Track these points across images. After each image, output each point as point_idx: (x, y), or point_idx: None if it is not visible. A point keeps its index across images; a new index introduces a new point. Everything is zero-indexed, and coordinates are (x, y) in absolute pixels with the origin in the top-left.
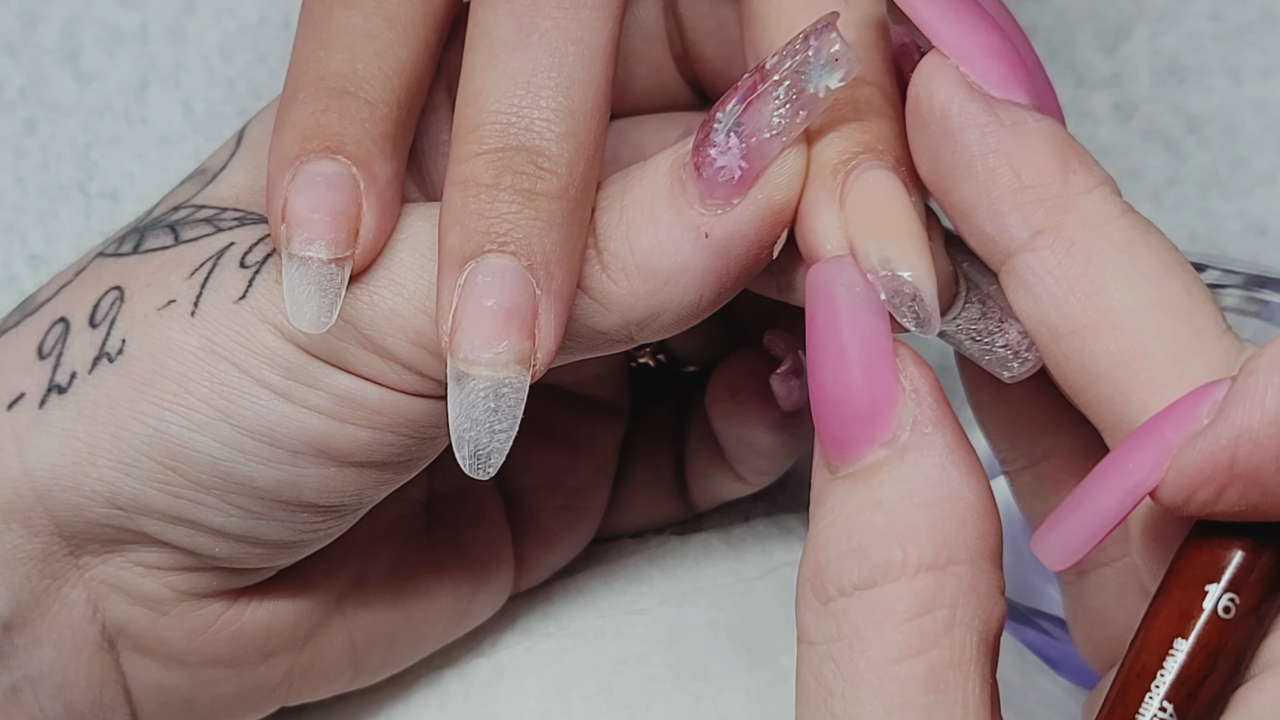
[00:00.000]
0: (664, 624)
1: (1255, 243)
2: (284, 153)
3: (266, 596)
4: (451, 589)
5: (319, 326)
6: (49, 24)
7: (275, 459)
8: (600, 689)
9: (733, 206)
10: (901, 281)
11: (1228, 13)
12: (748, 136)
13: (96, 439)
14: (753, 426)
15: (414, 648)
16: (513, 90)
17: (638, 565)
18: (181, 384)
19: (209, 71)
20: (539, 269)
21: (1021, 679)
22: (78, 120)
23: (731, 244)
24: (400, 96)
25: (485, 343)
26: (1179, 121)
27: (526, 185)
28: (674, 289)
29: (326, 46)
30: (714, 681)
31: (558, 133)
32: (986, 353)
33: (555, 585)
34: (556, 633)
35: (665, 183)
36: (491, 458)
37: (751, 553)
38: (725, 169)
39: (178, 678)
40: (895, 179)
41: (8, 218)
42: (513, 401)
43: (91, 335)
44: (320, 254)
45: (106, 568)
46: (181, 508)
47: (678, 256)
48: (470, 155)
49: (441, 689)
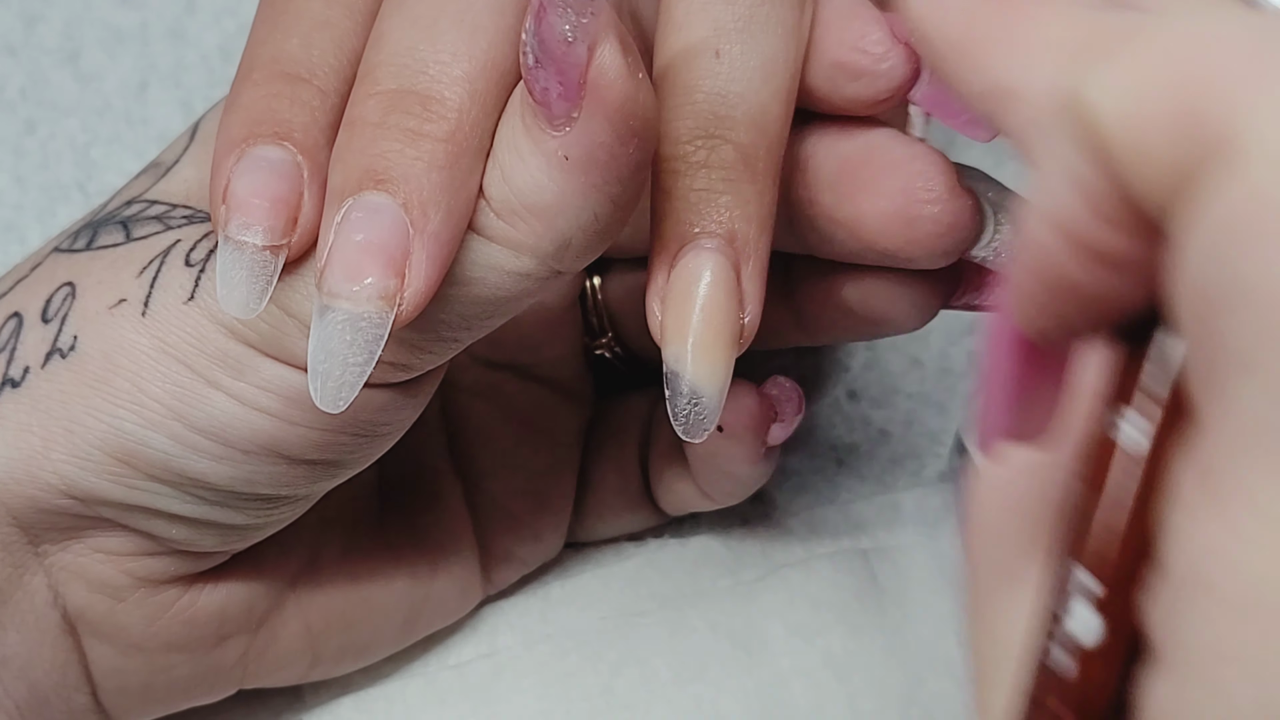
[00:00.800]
0: (664, 626)
1: None
2: (231, 133)
3: (220, 581)
4: (408, 571)
5: (248, 311)
6: (49, 24)
7: (228, 457)
8: (600, 690)
9: (575, 121)
10: (682, 382)
11: None
12: (551, 52)
13: (50, 433)
14: (740, 461)
15: (374, 634)
16: (412, 34)
17: (637, 568)
18: (135, 383)
19: (209, 72)
20: (414, 208)
21: None
22: (78, 120)
23: (593, 157)
24: (353, 85)
25: (348, 276)
26: None
27: (412, 125)
28: (566, 216)
29: (284, 30)
30: (713, 683)
31: (452, 76)
32: None
33: (555, 587)
34: (557, 634)
35: (518, 117)
36: (343, 391)
37: (751, 555)
38: (548, 89)
39: (135, 662)
40: (713, 265)
41: (7, 217)
42: (370, 337)
43: (44, 330)
44: (256, 239)
45: (66, 554)
46: (136, 497)
47: (553, 186)
48: (364, 96)
49: (441, 689)
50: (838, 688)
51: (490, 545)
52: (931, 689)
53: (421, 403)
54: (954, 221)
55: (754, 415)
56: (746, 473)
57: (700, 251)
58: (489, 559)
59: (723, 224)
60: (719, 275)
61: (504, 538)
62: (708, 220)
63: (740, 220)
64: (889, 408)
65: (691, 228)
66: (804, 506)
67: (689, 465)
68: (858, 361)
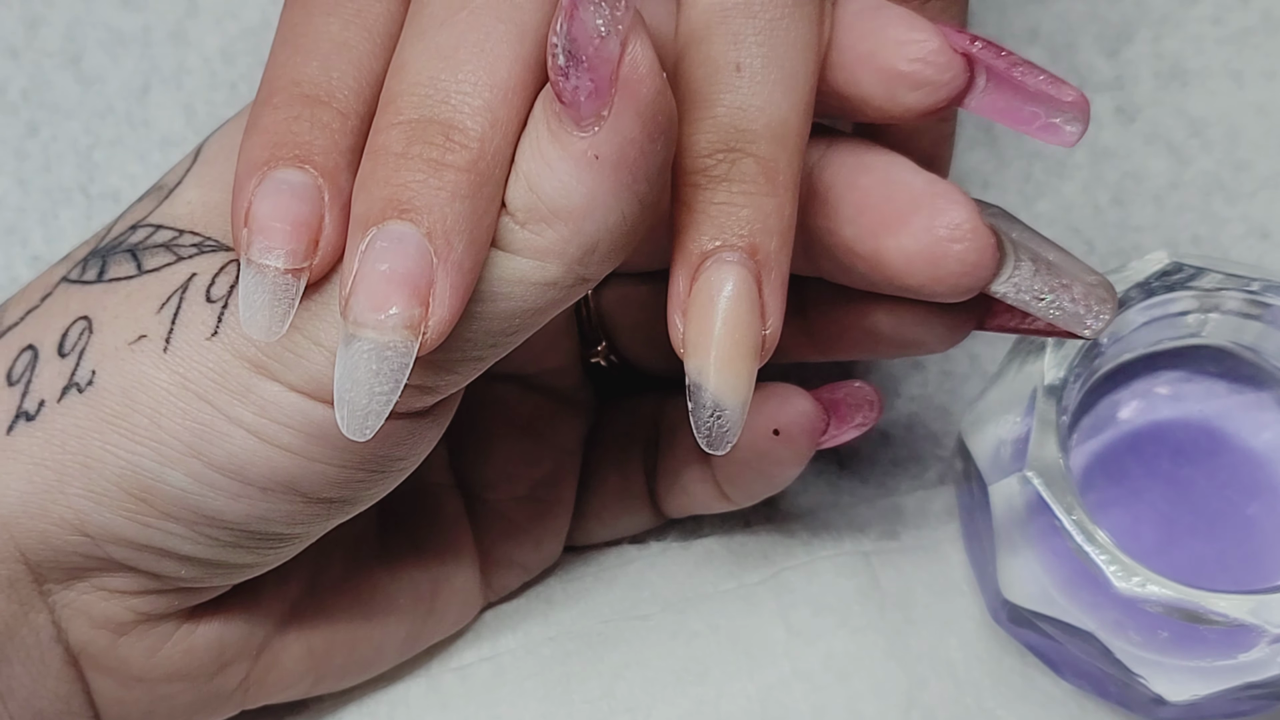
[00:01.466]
0: (666, 629)
1: (1258, 246)
2: (253, 156)
3: (219, 610)
4: (410, 588)
5: (270, 335)
6: (51, 27)
7: (245, 494)
8: (602, 693)
9: (605, 120)
10: (705, 394)
11: (1230, 16)
12: (582, 49)
13: (66, 468)
14: (788, 465)
15: (377, 651)
16: (434, 63)
17: (639, 571)
18: (153, 419)
19: (211, 75)
20: (438, 238)
21: (1022, 680)
22: (79, 123)
23: (624, 154)
24: (372, 108)
25: (374, 306)
26: (1181, 125)
27: (435, 155)
28: (594, 218)
29: (303, 52)
30: (715, 686)
31: (474, 106)
32: (1056, 310)
33: (557, 590)
34: (559, 637)
35: (543, 123)
36: (369, 419)
37: (752, 558)
38: (579, 88)
39: (136, 693)
40: (735, 278)
41: (10, 219)
42: (396, 365)
43: (60, 365)
44: (278, 263)
45: (70, 593)
46: (150, 535)
47: (582, 188)
48: (386, 125)
49: (443, 691)
50: (839, 690)
51: (491, 554)
52: (933, 691)
53: (436, 435)
54: (978, 260)
55: (810, 419)
56: (789, 475)
57: (722, 265)
58: (489, 568)
59: (744, 237)
60: (741, 288)
61: (504, 546)
62: (729, 234)
63: (761, 233)
64: (890, 410)
65: (713, 241)
66: (806, 509)
67: (711, 467)
68: (859, 365)
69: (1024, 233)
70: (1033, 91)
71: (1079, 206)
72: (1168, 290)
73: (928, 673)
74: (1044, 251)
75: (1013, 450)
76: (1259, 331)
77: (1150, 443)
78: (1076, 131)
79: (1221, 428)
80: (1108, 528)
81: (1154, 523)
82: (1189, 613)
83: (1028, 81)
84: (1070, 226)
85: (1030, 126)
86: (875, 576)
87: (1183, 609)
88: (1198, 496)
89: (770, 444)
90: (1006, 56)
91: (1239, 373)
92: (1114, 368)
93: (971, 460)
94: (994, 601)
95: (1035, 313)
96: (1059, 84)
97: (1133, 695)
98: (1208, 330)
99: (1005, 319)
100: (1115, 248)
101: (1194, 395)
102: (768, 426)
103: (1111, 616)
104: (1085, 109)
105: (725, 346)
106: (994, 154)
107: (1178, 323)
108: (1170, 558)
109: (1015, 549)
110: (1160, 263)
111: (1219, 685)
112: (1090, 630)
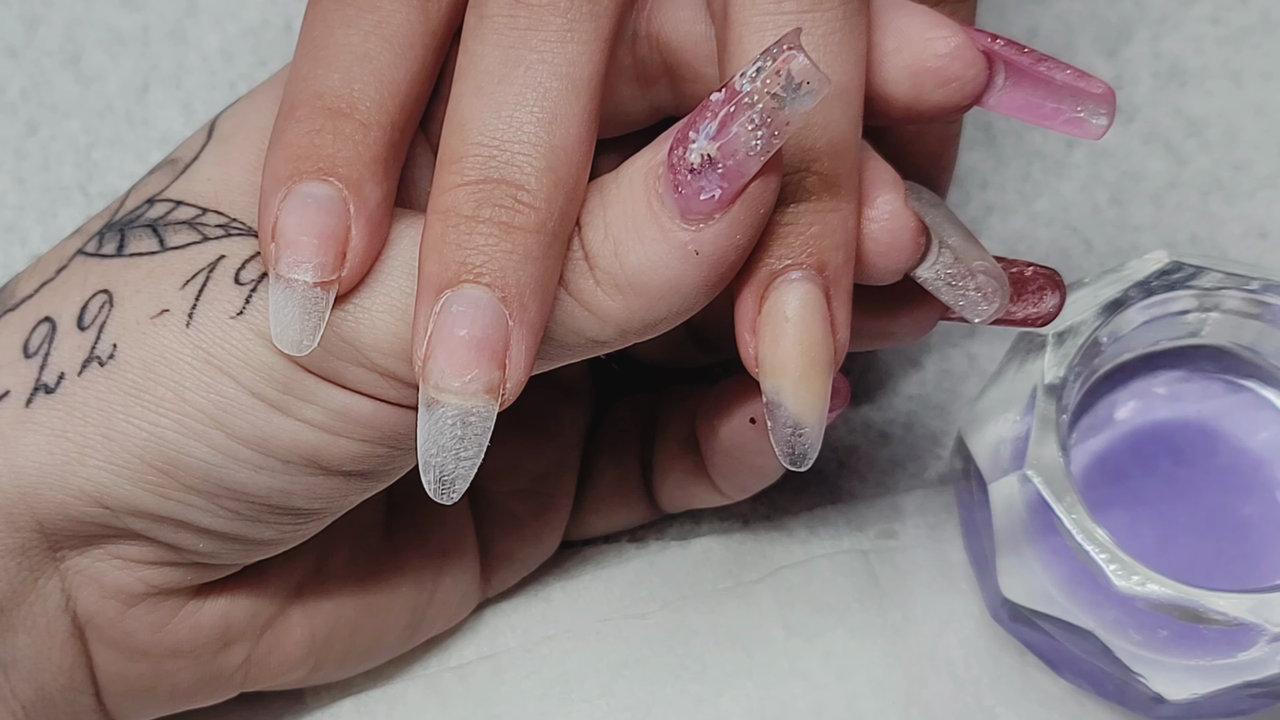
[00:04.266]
0: (664, 627)
1: (1256, 246)
2: (277, 170)
3: (225, 588)
4: (413, 577)
5: (301, 349)
6: (51, 26)
7: (268, 467)
8: (601, 691)
9: (714, 220)
10: (784, 412)
11: (1229, 16)
12: (726, 158)
13: (87, 440)
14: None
15: (377, 639)
16: (495, 123)
17: (638, 569)
18: (176, 392)
19: (210, 74)
20: (513, 301)
21: (1021, 679)
22: (79, 122)
23: (723, 258)
24: (395, 118)
25: (456, 371)
26: (1180, 124)
27: (505, 218)
28: (669, 302)
29: (325, 65)
30: (714, 684)
31: (538, 168)
32: (961, 297)
33: (555, 588)
34: (557, 635)
35: (643, 198)
36: (456, 483)
37: (751, 556)
38: (705, 189)
39: (139, 667)
40: (806, 297)
41: (9, 218)
42: (479, 430)
43: (80, 338)
44: (306, 276)
45: (83, 559)
46: (170, 508)
47: (668, 273)
48: (452, 185)
49: (441, 689)
50: (838, 688)
51: (491, 547)
52: (932, 689)
53: None
54: (893, 241)
55: None
56: (775, 466)
57: (791, 284)
58: (489, 561)
59: (811, 254)
60: (812, 306)
61: (505, 539)
62: (797, 252)
63: (829, 249)
64: (889, 409)
65: (782, 260)
66: (804, 508)
67: (705, 461)
68: (857, 364)
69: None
70: (1060, 85)
71: (1077, 206)
72: (1167, 289)
73: (927, 671)
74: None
75: (1012, 449)
76: (1258, 331)
77: (1150, 442)
78: (1104, 124)
79: (1220, 427)
80: (1107, 526)
81: (1153, 522)
82: (1189, 611)
83: (1055, 75)
84: (1069, 226)
85: (1055, 121)
86: (874, 575)
87: (1182, 607)
88: (1196, 496)
89: (749, 434)
90: (1030, 53)
91: (1238, 372)
92: (1113, 367)
93: (971, 459)
94: (993, 600)
95: (940, 296)
96: (1086, 77)
97: (1132, 694)
98: (1207, 330)
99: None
100: (1114, 247)
101: (1193, 395)
102: (745, 416)
103: (1111, 615)
104: (1112, 101)
105: (802, 366)
106: (993, 153)
107: (1177, 322)
108: (1169, 557)
109: (1015, 548)
110: (1160, 262)
111: (1218, 684)
112: (1089, 629)
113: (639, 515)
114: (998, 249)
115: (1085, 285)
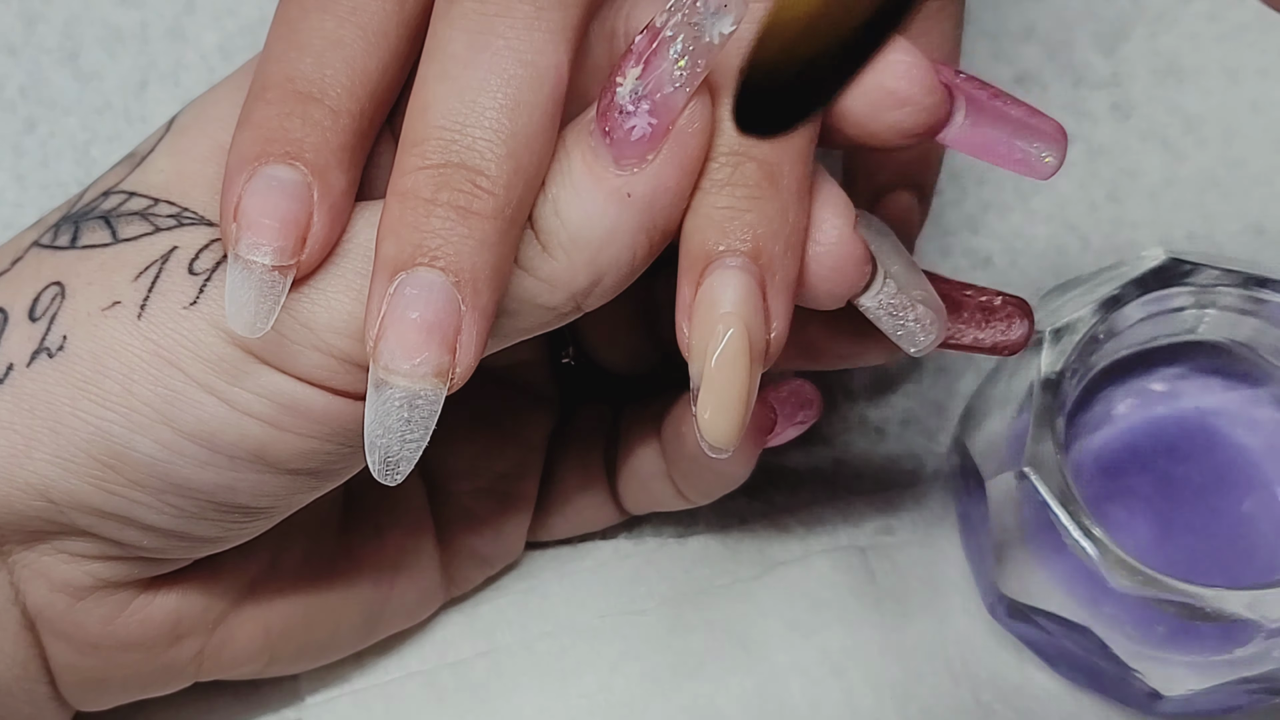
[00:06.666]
0: (662, 624)
1: (1253, 242)
2: (244, 150)
3: (177, 583)
4: (370, 575)
5: (254, 331)
6: (49, 24)
7: (213, 463)
8: (599, 687)
9: (648, 163)
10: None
11: (1226, 13)
12: (652, 93)
13: (34, 432)
14: (738, 465)
15: (333, 636)
16: (458, 107)
17: (635, 567)
18: (124, 385)
19: (209, 71)
20: (466, 286)
21: (1018, 675)
22: (77, 119)
23: (655, 199)
24: (364, 106)
25: (406, 353)
26: (1177, 121)
27: (463, 203)
28: (609, 252)
29: (297, 48)
30: (712, 681)
31: (499, 154)
32: (900, 327)
33: (554, 585)
34: (556, 632)
35: (578, 153)
36: (400, 465)
37: (748, 553)
38: (635, 128)
39: (91, 660)
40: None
41: (7, 215)
42: (426, 413)
43: (30, 329)
44: (265, 259)
45: (30, 554)
46: (115, 504)
47: (606, 221)
48: (413, 168)
49: (440, 687)
50: (835, 684)
51: (452, 546)
52: (929, 685)
53: None
54: (837, 266)
55: (757, 418)
56: (739, 472)
57: (725, 270)
58: (451, 560)
59: (747, 241)
60: (744, 293)
61: (466, 539)
62: (732, 238)
63: (765, 237)
64: (885, 407)
65: (716, 245)
66: (801, 505)
67: (669, 465)
68: None
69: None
70: (1014, 120)
71: (1074, 203)
72: (1164, 286)
73: (924, 667)
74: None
75: (1010, 446)
76: (1255, 327)
77: (1146, 439)
78: (1053, 164)
79: (1217, 424)
80: (1104, 523)
81: (1150, 518)
82: (1186, 608)
83: (1010, 110)
84: (1066, 223)
85: (1008, 160)
86: (871, 572)
87: (1179, 604)
88: (1193, 492)
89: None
90: (987, 88)
91: (1235, 369)
92: (1110, 364)
93: (968, 456)
94: (990, 596)
95: (880, 325)
96: (1038, 115)
97: (1129, 690)
98: (1204, 326)
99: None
100: (1110, 244)
101: (1190, 391)
102: None
103: (1108, 611)
104: (1063, 141)
105: (726, 353)
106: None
107: (1174, 319)
108: (1166, 553)
109: (1012, 544)
110: (1157, 259)
111: (1214, 680)
112: (1086, 625)
113: (605, 517)
114: (995, 246)
115: (1082, 282)
